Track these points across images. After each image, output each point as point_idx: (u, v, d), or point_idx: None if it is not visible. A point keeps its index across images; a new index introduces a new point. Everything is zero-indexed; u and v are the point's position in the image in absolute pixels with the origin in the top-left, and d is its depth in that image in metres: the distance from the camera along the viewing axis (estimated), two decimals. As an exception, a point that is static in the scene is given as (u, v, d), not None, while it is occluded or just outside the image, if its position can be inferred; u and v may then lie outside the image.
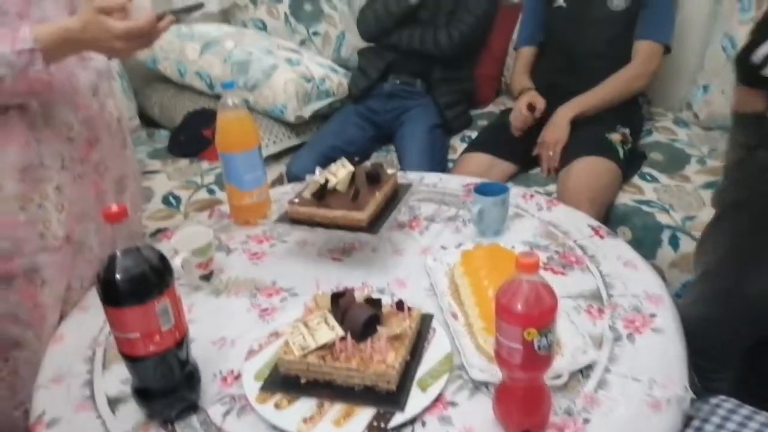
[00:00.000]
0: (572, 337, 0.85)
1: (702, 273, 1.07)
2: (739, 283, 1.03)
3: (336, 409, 0.77)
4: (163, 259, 0.76)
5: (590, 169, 1.57)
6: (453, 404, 0.78)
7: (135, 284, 0.72)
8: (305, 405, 0.78)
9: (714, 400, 0.83)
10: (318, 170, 1.17)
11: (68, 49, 0.92)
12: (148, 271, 0.73)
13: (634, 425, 0.73)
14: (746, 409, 0.81)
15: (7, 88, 0.88)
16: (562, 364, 0.80)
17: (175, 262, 1.02)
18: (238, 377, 0.85)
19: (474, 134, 1.95)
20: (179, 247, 1.04)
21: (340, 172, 1.12)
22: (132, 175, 1.20)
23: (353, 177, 1.10)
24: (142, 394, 0.79)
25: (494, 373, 0.79)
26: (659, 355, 0.83)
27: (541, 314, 0.65)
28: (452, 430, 0.74)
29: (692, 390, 0.78)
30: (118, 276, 0.71)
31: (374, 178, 1.11)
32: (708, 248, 1.08)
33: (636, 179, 1.67)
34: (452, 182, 1.38)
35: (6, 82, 0.87)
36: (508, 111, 1.99)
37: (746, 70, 0.98)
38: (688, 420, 0.79)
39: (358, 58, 2.14)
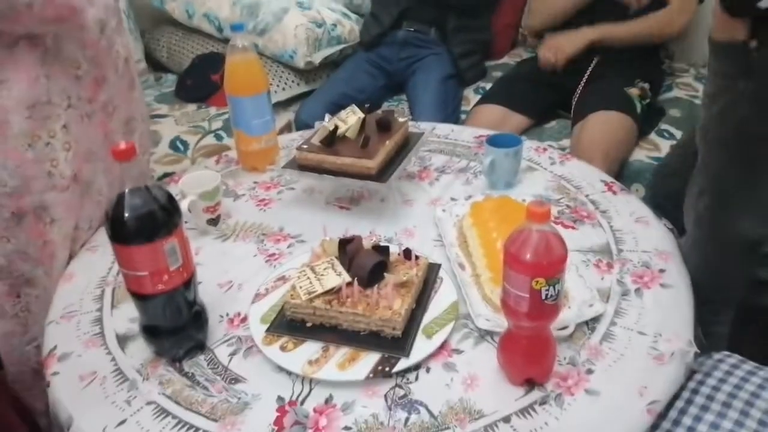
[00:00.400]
0: (580, 290, 0.85)
1: (695, 219, 1.07)
2: (729, 227, 1.03)
3: (341, 353, 0.78)
4: (171, 199, 0.76)
5: (606, 124, 1.54)
6: (458, 352, 0.78)
7: (143, 223, 0.72)
8: (311, 348, 0.79)
9: (717, 356, 0.83)
10: (327, 117, 1.15)
11: None
12: (156, 210, 0.73)
13: (636, 377, 0.73)
14: (749, 365, 0.81)
15: (36, 14, 0.88)
16: (568, 315, 0.80)
17: (183, 205, 1.01)
18: (244, 320, 0.86)
19: (488, 86, 1.90)
20: (187, 190, 1.04)
21: (350, 118, 1.10)
22: (140, 118, 1.18)
23: (363, 124, 1.08)
24: (151, 332, 0.80)
25: (500, 323, 0.79)
26: (666, 310, 0.83)
27: (550, 264, 0.65)
28: (456, 376, 0.75)
29: (696, 345, 0.78)
30: (126, 214, 0.71)
31: (385, 126, 1.09)
32: (695, 192, 1.07)
33: (653, 135, 1.63)
34: (464, 133, 1.36)
35: (35, 6, 0.87)
36: (524, 62, 1.94)
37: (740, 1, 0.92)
38: (690, 374, 0.79)
39: (371, 4, 2.08)
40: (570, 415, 0.69)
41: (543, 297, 0.66)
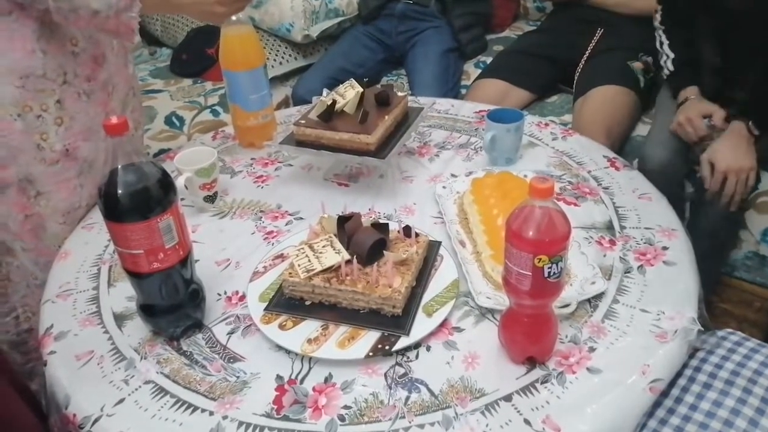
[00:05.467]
0: (582, 268, 0.84)
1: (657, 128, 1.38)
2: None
3: (340, 331, 0.77)
4: (165, 175, 0.74)
5: (609, 99, 1.51)
6: (458, 330, 0.78)
7: (137, 200, 0.71)
8: (310, 326, 0.78)
9: (720, 333, 0.82)
10: (325, 92, 1.13)
11: (167, 7, 1.06)
12: (150, 186, 0.71)
13: (638, 355, 0.72)
14: (752, 342, 0.81)
15: (99, 22, 0.92)
16: (570, 293, 0.79)
17: (179, 182, 1.00)
18: (242, 298, 0.85)
19: (489, 60, 1.87)
20: (182, 166, 1.02)
21: (348, 93, 1.08)
22: (133, 92, 1.16)
23: (362, 99, 1.06)
24: (148, 311, 0.79)
25: (500, 301, 0.78)
26: (669, 287, 0.82)
27: (553, 241, 0.63)
28: (457, 355, 0.74)
29: (700, 323, 0.77)
30: (119, 191, 0.70)
31: (384, 100, 1.07)
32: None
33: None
34: (465, 108, 1.33)
35: (100, 16, 0.90)
36: (525, 36, 1.91)
37: None
38: (693, 352, 0.78)
39: (370, -24, 2.03)
40: (571, 394, 0.69)
41: (545, 275, 0.64)
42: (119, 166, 0.70)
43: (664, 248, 0.88)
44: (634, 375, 0.70)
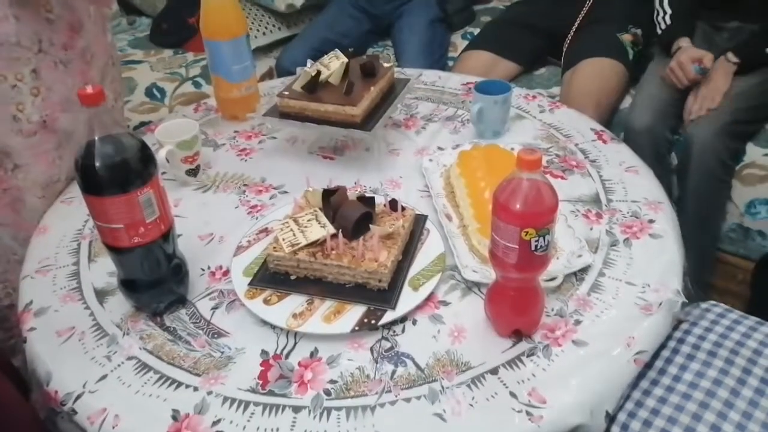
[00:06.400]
0: (568, 241, 0.83)
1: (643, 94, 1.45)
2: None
3: (326, 305, 0.76)
4: (145, 147, 0.72)
5: (597, 71, 1.50)
6: (445, 303, 0.77)
7: (116, 172, 0.68)
8: (295, 301, 0.77)
9: (704, 305, 0.83)
10: (309, 63, 1.10)
11: None
12: (129, 159, 0.69)
13: (623, 327, 0.73)
14: (735, 314, 0.81)
15: None
16: (556, 266, 0.79)
17: (160, 155, 0.98)
18: (226, 273, 0.84)
19: (476, 31, 1.84)
20: (164, 139, 1.00)
21: (332, 63, 1.05)
22: (112, 61, 1.12)
23: (347, 70, 1.04)
24: (129, 286, 0.77)
25: (487, 275, 0.78)
26: (655, 260, 0.82)
27: (540, 214, 0.63)
28: (443, 329, 0.74)
29: (684, 294, 0.77)
30: (97, 163, 0.67)
31: (369, 71, 1.05)
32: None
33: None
34: (452, 80, 1.32)
35: None
36: (513, 6, 1.88)
37: None
38: (677, 323, 0.79)
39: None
40: (557, 366, 0.69)
41: (532, 248, 0.64)
42: (96, 138, 0.68)
43: (651, 221, 0.88)
44: (619, 347, 0.70)
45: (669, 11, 1.49)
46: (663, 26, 1.50)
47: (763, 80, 1.38)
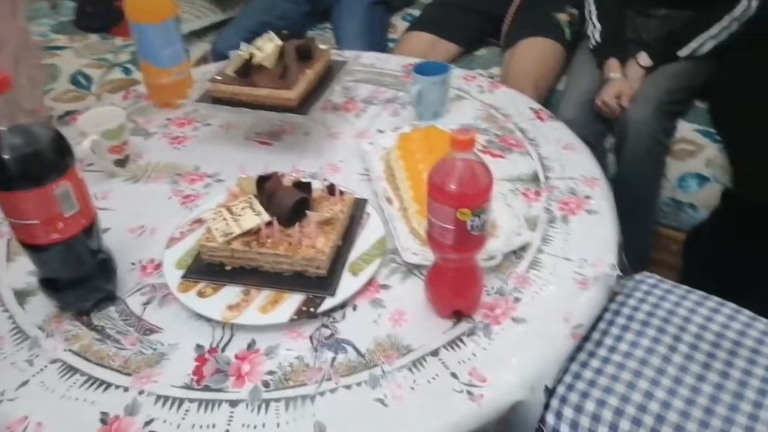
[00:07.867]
0: (508, 220, 0.84)
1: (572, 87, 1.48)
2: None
3: (263, 295, 0.74)
4: (60, 137, 0.67)
5: (535, 51, 1.51)
6: (385, 287, 0.76)
7: (27, 165, 0.64)
8: (230, 292, 0.75)
9: (638, 276, 0.85)
10: (243, 46, 1.06)
11: None
12: (42, 150, 0.65)
13: (561, 302, 0.74)
14: (666, 284, 0.84)
15: None
16: (496, 245, 0.79)
17: (84, 145, 0.93)
18: (158, 266, 0.80)
19: (417, 12, 1.82)
20: (87, 128, 0.94)
21: (266, 46, 1.01)
22: (25, 45, 1.05)
23: (282, 52, 1.00)
24: (51, 285, 0.73)
25: (427, 257, 0.77)
26: (591, 235, 0.83)
27: (475, 194, 0.62)
28: (384, 313, 0.73)
29: (619, 267, 0.79)
30: (5, 156, 0.63)
31: (305, 54, 1.02)
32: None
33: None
34: (391, 62, 1.30)
35: None
36: (454, -13, 1.86)
37: None
38: (613, 296, 0.80)
39: None
40: (497, 345, 0.69)
41: (468, 228, 0.63)
42: (3, 129, 0.63)
43: (587, 197, 0.90)
44: (557, 322, 0.71)
45: (599, 27, 1.49)
46: (594, 42, 1.50)
47: (695, 60, 1.42)
